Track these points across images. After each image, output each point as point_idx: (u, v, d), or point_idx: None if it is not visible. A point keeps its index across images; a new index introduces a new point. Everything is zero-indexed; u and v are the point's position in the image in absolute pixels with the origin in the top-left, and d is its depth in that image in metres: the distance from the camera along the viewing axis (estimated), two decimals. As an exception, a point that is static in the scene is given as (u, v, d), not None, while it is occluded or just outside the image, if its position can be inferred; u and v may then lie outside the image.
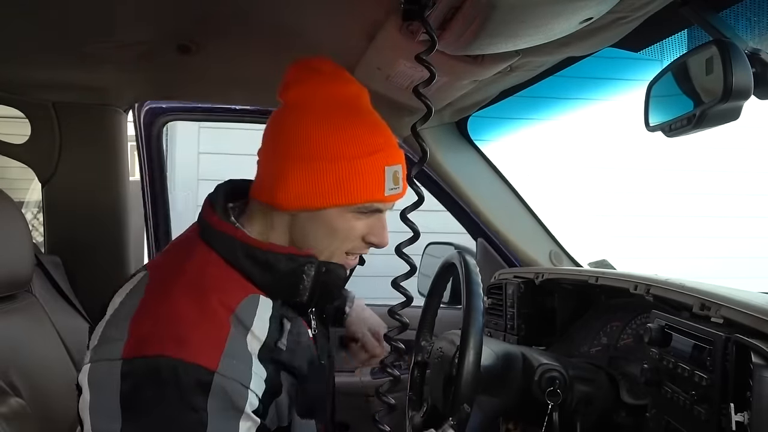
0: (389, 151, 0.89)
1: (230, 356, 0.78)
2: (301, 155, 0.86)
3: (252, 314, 0.83)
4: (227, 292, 0.83)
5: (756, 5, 0.95)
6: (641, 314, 1.24)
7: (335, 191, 0.86)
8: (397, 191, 0.89)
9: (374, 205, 0.88)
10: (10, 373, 1.05)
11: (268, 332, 0.84)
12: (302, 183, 0.86)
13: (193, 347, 0.76)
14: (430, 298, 1.23)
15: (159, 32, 1.21)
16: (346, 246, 0.91)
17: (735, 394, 0.78)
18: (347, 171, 0.85)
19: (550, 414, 1.08)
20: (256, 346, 0.82)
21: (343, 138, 0.86)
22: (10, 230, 1.12)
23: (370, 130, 0.89)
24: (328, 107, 0.88)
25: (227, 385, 0.77)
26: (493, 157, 1.82)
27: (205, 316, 0.79)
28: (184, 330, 0.77)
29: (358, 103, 0.91)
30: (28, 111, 1.62)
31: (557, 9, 0.79)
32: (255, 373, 0.81)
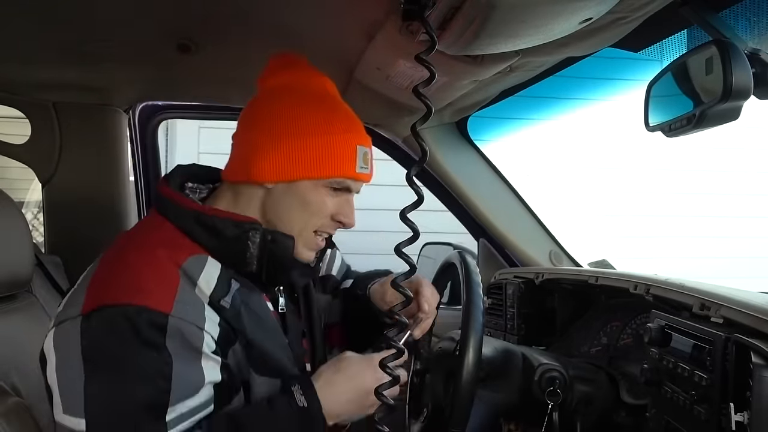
0: (361, 132, 0.96)
1: (182, 302, 0.83)
2: (279, 131, 0.92)
3: (199, 270, 0.87)
4: (175, 250, 0.87)
5: (756, 5, 0.95)
6: (641, 314, 1.24)
7: (310, 164, 0.92)
8: (366, 171, 0.96)
9: (346, 181, 0.94)
10: (10, 373, 1.05)
11: (214, 288, 0.87)
12: (279, 156, 0.92)
13: (146, 294, 0.81)
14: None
15: (159, 32, 1.21)
16: (316, 222, 0.95)
17: (735, 394, 0.78)
18: (322, 146, 0.92)
19: (550, 414, 1.08)
20: (205, 297, 0.87)
21: (318, 117, 0.93)
22: (10, 230, 1.12)
23: (342, 113, 0.96)
24: (303, 92, 0.95)
25: (182, 326, 0.81)
26: (493, 157, 1.82)
27: (155, 268, 0.85)
28: (136, 280, 0.83)
29: (329, 92, 0.99)
30: (28, 111, 1.62)
31: (557, 9, 0.79)
32: (208, 317, 0.85)
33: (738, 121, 0.84)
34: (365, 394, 0.90)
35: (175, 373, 0.80)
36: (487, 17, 0.79)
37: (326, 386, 0.90)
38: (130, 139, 1.82)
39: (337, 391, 0.90)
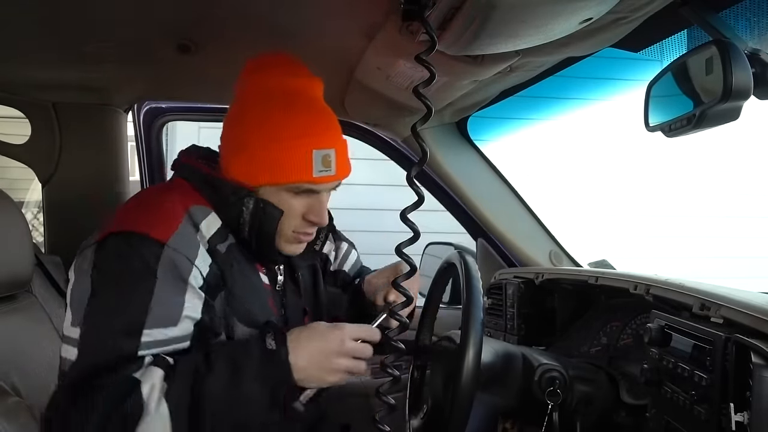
0: (320, 135, 0.97)
1: (180, 235, 0.92)
2: (240, 139, 0.99)
3: (202, 217, 0.97)
4: (186, 196, 0.99)
5: (756, 5, 0.95)
6: (641, 314, 1.24)
7: (266, 171, 0.97)
8: (327, 173, 0.97)
9: (304, 185, 0.97)
10: (10, 373, 1.05)
11: (213, 234, 0.97)
12: (240, 162, 0.98)
13: (149, 225, 0.92)
14: (430, 297, 1.23)
15: (159, 32, 1.21)
16: (290, 223, 1.00)
17: (735, 394, 0.78)
18: (276, 153, 0.96)
19: (550, 414, 1.08)
20: (204, 239, 0.96)
21: (273, 123, 0.96)
22: (10, 230, 1.12)
23: (302, 116, 0.98)
24: (265, 97, 0.98)
25: (175, 256, 0.90)
26: (493, 158, 1.82)
27: (163, 205, 0.96)
28: (144, 213, 0.95)
29: (300, 92, 1.00)
30: (28, 111, 1.62)
31: (557, 9, 0.79)
32: (201, 255, 0.94)
33: (738, 121, 0.84)
34: (329, 354, 0.93)
35: (157, 298, 0.88)
36: (487, 17, 0.79)
37: (295, 340, 0.93)
38: (135, 140, 1.82)
39: (303, 346, 0.92)
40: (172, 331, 0.90)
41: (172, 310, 0.90)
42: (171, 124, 4.52)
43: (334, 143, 0.99)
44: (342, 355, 0.93)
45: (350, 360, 0.94)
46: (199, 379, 0.87)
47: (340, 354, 0.93)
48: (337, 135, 1.01)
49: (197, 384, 0.86)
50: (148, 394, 0.83)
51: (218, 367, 0.88)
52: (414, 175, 0.90)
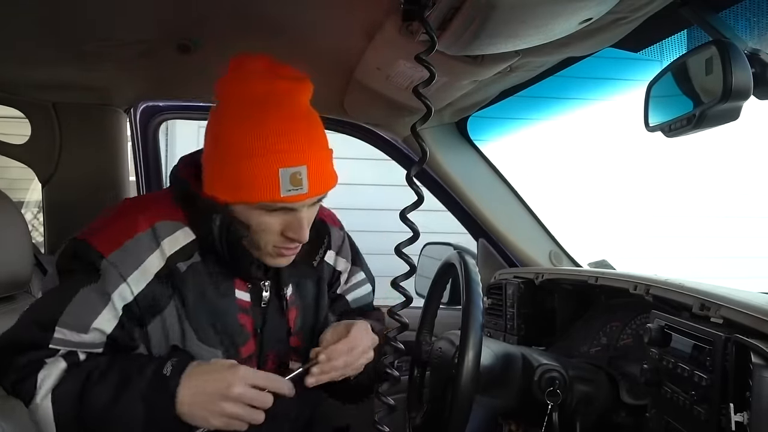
0: (288, 152, 0.91)
1: (124, 252, 0.94)
2: (209, 153, 0.97)
3: (167, 233, 0.97)
4: (159, 210, 0.99)
5: (755, 5, 0.95)
6: (641, 314, 1.24)
7: (232, 189, 0.93)
8: (297, 192, 0.91)
9: (276, 204, 0.92)
10: (9, 373, 1.04)
11: (175, 252, 0.97)
12: (210, 179, 0.96)
13: (100, 236, 0.96)
14: (429, 298, 1.23)
15: (159, 31, 1.21)
16: (265, 239, 0.96)
17: (734, 394, 0.78)
18: (241, 171, 0.91)
19: (550, 414, 1.08)
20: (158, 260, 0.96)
21: (238, 138, 0.91)
22: (8, 231, 1.12)
23: (269, 129, 0.91)
24: (238, 106, 0.93)
25: (109, 270, 0.93)
26: (493, 157, 1.82)
27: (120, 219, 0.98)
28: (104, 225, 0.98)
29: (272, 101, 0.92)
30: (28, 111, 1.62)
31: (557, 9, 0.79)
32: (141, 274, 0.94)
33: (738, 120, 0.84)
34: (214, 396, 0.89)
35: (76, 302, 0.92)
36: (487, 17, 0.79)
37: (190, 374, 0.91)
38: (131, 139, 1.82)
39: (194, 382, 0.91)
40: (82, 337, 0.93)
41: (85, 317, 0.92)
42: (171, 124, 4.54)
43: (306, 159, 0.92)
44: (228, 399, 0.89)
45: (239, 407, 0.90)
46: (88, 384, 0.89)
47: (226, 398, 0.89)
48: (311, 149, 0.94)
49: (85, 388, 0.89)
50: (41, 383, 0.88)
51: (109, 377, 0.90)
52: (414, 175, 0.89)
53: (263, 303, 1.06)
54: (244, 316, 1.04)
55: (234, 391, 0.89)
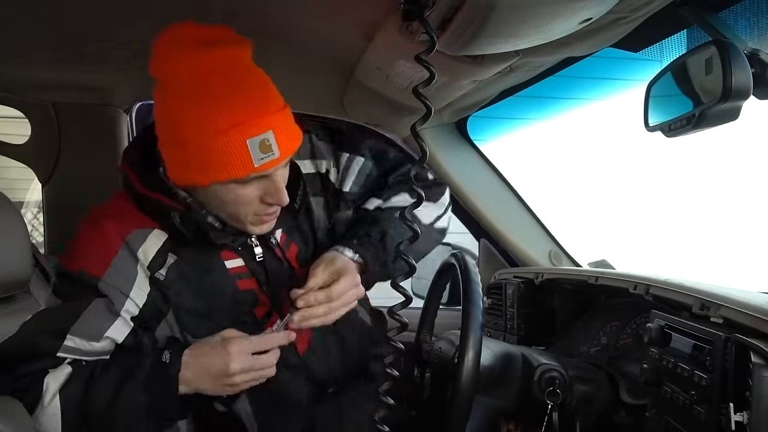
0: (250, 122, 0.88)
1: (115, 268, 0.97)
2: (166, 139, 0.94)
3: (140, 242, 0.99)
4: (125, 222, 1.00)
5: (755, 5, 0.95)
6: (641, 314, 1.24)
7: (204, 171, 0.90)
8: (269, 158, 0.89)
9: (251, 175, 0.91)
10: (9, 373, 1.04)
11: (151, 260, 0.99)
12: (176, 166, 0.94)
13: (84, 260, 0.98)
14: (429, 298, 1.23)
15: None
16: (245, 210, 0.96)
17: (734, 394, 0.78)
18: (208, 151, 0.88)
19: (550, 414, 1.08)
20: (143, 267, 0.99)
21: (197, 117, 0.87)
22: (8, 231, 1.11)
23: (225, 102, 0.88)
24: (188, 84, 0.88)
25: (109, 290, 0.96)
26: (492, 157, 1.82)
27: (98, 238, 0.99)
28: (82, 248, 1.00)
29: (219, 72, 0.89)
30: (28, 111, 1.62)
31: (557, 9, 0.79)
32: (138, 286, 0.98)
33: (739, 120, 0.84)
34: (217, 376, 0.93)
35: (87, 315, 0.95)
36: (487, 17, 0.79)
37: (194, 357, 0.94)
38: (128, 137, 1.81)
39: (194, 363, 0.94)
40: (94, 345, 0.96)
41: (98, 327, 0.96)
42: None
43: (269, 124, 0.89)
44: (233, 376, 0.93)
45: (246, 376, 0.94)
46: (92, 381, 0.93)
47: (230, 375, 0.92)
48: (273, 112, 0.91)
49: (88, 385, 0.91)
50: (46, 387, 0.91)
51: (111, 371, 0.93)
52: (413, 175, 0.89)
53: (258, 258, 1.06)
54: (245, 281, 1.05)
55: (233, 367, 0.92)
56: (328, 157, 1.18)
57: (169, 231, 1.00)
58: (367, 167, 1.19)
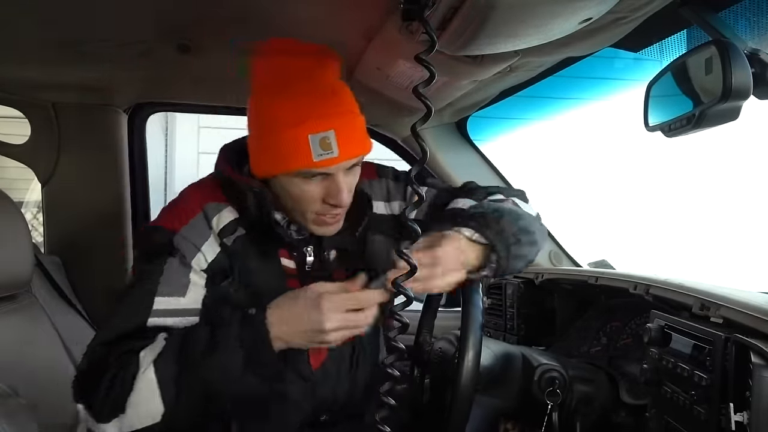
0: (316, 119, 0.96)
1: (191, 227, 1.03)
2: (253, 131, 1.03)
3: (214, 213, 1.05)
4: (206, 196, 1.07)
5: (755, 5, 0.95)
6: (641, 314, 1.24)
7: (268, 162, 1.00)
8: (328, 156, 0.96)
9: (312, 170, 0.97)
10: (10, 372, 1.05)
11: (222, 228, 1.04)
12: (255, 156, 1.03)
13: (167, 219, 1.05)
14: (429, 298, 1.23)
15: (158, 32, 1.21)
16: (308, 208, 1.01)
17: (734, 394, 0.78)
18: (277, 142, 0.97)
19: (550, 414, 1.08)
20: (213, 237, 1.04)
21: (267, 112, 0.98)
22: (10, 230, 1.12)
23: (297, 101, 0.97)
24: (268, 84, 0.99)
25: (182, 243, 1.01)
26: (492, 157, 1.82)
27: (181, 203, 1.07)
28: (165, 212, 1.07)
29: (299, 75, 0.98)
30: (28, 111, 1.62)
31: (557, 9, 0.79)
32: (209, 243, 1.03)
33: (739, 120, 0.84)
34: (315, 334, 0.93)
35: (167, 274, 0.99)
36: (487, 17, 0.79)
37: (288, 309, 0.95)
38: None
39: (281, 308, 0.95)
40: (180, 301, 0.99)
41: (180, 282, 1.00)
42: (171, 124, 4.55)
43: (332, 124, 0.96)
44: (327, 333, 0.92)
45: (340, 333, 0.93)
46: (184, 344, 0.93)
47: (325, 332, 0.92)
48: (338, 115, 0.98)
49: (181, 348, 0.93)
50: (142, 358, 0.92)
51: (199, 333, 0.94)
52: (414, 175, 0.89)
53: (308, 267, 1.10)
54: (293, 281, 1.08)
55: (328, 326, 0.92)
56: (399, 196, 1.24)
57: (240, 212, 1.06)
58: (430, 195, 1.21)
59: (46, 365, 1.17)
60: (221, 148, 1.13)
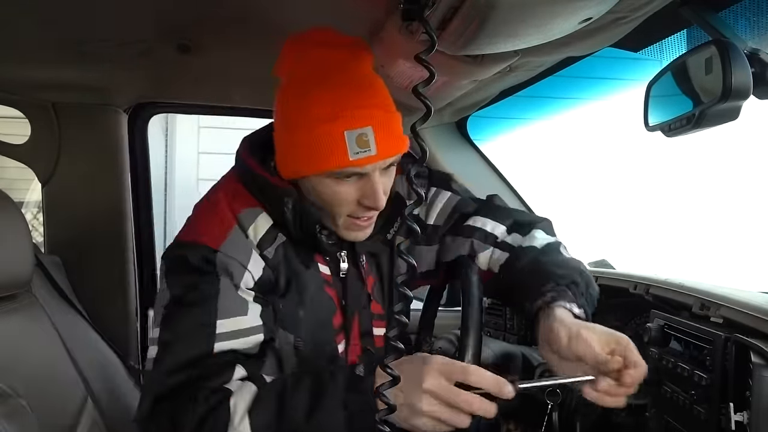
0: (352, 114, 0.89)
1: (232, 242, 0.95)
2: (280, 128, 0.97)
3: (249, 222, 0.98)
4: (236, 200, 0.99)
5: (755, 5, 0.95)
6: (641, 314, 1.24)
7: (302, 161, 0.92)
8: (366, 154, 0.89)
9: (347, 170, 0.90)
10: (10, 373, 1.05)
11: (260, 239, 0.98)
12: (284, 155, 0.96)
13: (201, 233, 0.96)
14: (429, 298, 1.23)
15: (159, 31, 1.21)
16: (341, 210, 0.95)
17: (734, 394, 0.78)
18: (309, 139, 0.90)
19: (550, 414, 1.08)
20: (252, 244, 0.97)
21: (299, 108, 0.91)
22: (10, 230, 1.12)
23: (332, 94, 0.90)
24: (301, 76, 0.92)
25: (228, 261, 0.93)
26: (492, 157, 1.82)
27: (213, 215, 0.98)
28: (198, 223, 0.99)
29: (333, 67, 0.92)
30: (28, 111, 1.62)
31: (557, 9, 0.78)
32: (254, 259, 0.96)
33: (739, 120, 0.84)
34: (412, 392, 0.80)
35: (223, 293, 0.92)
36: (487, 17, 0.79)
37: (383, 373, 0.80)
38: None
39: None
40: (243, 320, 0.93)
41: (237, 300, 0.93)
42: (171, 124, 4.54)
43: (370, 120, 0.90)
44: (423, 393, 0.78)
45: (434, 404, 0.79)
46: (284, 398, 0.85)
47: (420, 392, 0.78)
48: (375, 110, 0.92)
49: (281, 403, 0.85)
50: (234, 407, 0.85)
51: (302, 387, 0.86)
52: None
53: (342, 273, 1.06)
54: (329, 288, 1.04)
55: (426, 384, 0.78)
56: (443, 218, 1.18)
57: (274, 217, 0.99)
58: (452, 202, 1.17)
59: (46, 365, 1.17)
60: (243, 140, 1.05)
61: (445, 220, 1.16)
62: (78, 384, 1.23)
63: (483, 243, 1.11)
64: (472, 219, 1.14)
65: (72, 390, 1.20)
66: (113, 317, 1.66)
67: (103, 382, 1.34)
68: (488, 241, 1.11)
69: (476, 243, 1.12)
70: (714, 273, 3.97)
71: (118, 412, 1.33)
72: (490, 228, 1.12)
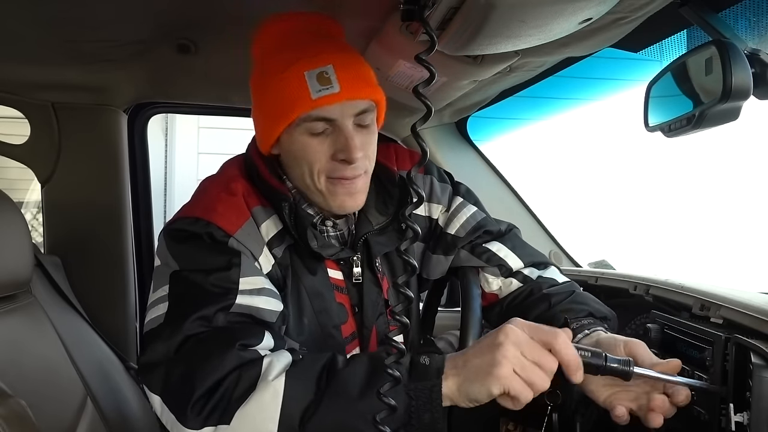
0: (309, 58, 0.89)
1: (246, 233, 0.92)
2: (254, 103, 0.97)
3: (262, 220, 0.97)
4: (250, 195, 0.98)
5: (755, 5, 0.95)
6: (641, 314, 1.24)
7: (271, 118, 0.92)
8: (329, 91, 0.87)
9: (313, 113, 0.89)
10: (9, 373, 1.04)
11: (271, 237, 0.96)
12: (257, 125, 0.97)
13: (217, 215, 0.92)
14: (429, 298, 1.23)
15: (158, 32, 1.21)
16: (317, 168, 0.93)
17: (734, 394, 0.78)
18: (267, 92, 0.90)
19: (550, 414, 1.08)
20: (265, 244, 0.95)
21: (266, 67, 0.92)
22: (9, 230, 1.12)
23: (290, 48, 0.90)
24: (266, 49, 0.94)
25: (241, 249, 0.91)
26: (492, 157, 1.82)
27: (230, 199, 0.95)
28: (214, 203, 0.94)
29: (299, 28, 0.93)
30: (28, 111, 1.62)
31: (557, 9, 0.79)
32: (265, 254, 0.95)
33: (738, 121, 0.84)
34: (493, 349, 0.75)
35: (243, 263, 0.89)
36: (487, 17, 0.79)
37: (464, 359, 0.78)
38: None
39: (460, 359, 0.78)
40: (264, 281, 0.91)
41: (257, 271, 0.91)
42: (171, 124, 4.55)
43: (330, 59, 0.88)
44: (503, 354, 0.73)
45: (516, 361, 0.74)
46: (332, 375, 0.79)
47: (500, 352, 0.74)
48: (336, 53, 0.90)
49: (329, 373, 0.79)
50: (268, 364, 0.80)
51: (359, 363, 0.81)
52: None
53: (355, 278, 1.03)
54: (340, 295, 1.02)
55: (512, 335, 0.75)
56: (443, 200, 1.17)
57: (283, 222, 0.97)
58: (476, 218, 1.16)
59: (45, 365, 1.16)
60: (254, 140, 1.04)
61: (467, 234, 1.14)
62: (77, 384, 1.22)
63: (497, 267, 1.11)
64: (494, 243, 1.13)
65: (72, 390, 1.20)
66: (113, 317, 1.66)
67: (102, 382, 1.34)
68: (503, 270, 1.11)
69: (489, 269, 1.11)
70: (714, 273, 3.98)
71: (118, 411, 1.33)
72: (504, 254, 1.12)
